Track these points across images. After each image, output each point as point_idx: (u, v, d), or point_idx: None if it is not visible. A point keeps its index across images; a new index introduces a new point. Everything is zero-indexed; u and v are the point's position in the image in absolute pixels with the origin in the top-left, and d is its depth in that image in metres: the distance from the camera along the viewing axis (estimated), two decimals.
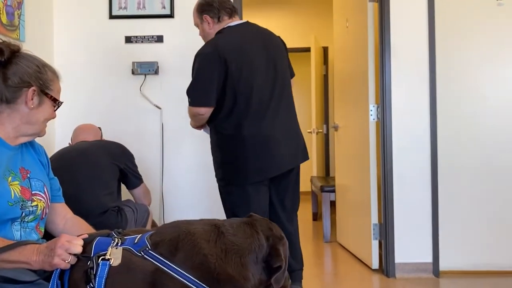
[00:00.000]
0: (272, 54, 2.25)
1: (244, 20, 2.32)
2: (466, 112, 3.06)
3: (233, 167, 2.19)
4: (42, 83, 1.39)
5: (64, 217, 1.58)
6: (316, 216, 4.99)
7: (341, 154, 3.83)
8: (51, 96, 1.42)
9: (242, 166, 2.15)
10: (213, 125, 2.25)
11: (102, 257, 1.17)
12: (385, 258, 3.04)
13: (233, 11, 2.27)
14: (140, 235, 1.24)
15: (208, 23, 2.26)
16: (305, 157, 2.34)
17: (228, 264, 1.16)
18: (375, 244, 3.12)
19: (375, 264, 3.12)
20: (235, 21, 2.27)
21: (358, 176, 3.37)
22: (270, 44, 2.28)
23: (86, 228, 1.58)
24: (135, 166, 2.44)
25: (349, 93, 3.59)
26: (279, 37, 2.38)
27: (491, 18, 3.04)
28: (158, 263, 1.15)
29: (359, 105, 3.29)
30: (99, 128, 2.63)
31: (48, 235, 1.55)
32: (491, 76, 3.06)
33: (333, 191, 4.04)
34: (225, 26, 2.23)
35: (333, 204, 4.10)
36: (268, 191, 2.26)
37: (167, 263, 1.15)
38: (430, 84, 3.02)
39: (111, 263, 1.16)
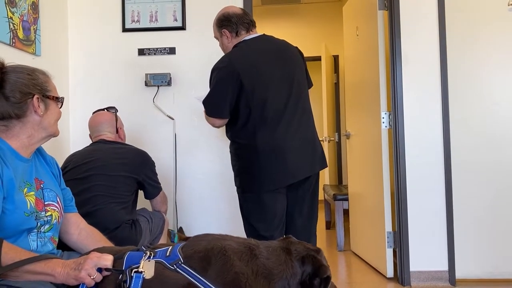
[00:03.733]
0: (287, 65, 2.28)
1: (260, 33, 2.35)
2: (479, 118, 3.03)
3: (248, 175, 2.23)
4: (40, 88, 1.41)
5: (78, 226, 1.61)
6: (330, 225, 4.97)
7: (353, 162, 3.82)
8: (53, 97, 1.45)
9: (257, 175, 2.20)
10: (230, 135, 2.31)
11: (135, 270, 1.17)
12: (400, 266, 3.02)
13: (251, 25, 2.33)
14: (171, 247, 1.24)
15: (227, 37, 2.33)
16: (323, 165, 2.36)
17: (257, 287, 1.16)
18: (389, 252, 3.10)
19: (390, 273, 3.09)
20: (252, 35, 2.32)
21: (371, 184, 3.36)
22: (285, 56, 2.30)
23: (100, 238, 1.61)
24: (155, 175, 2.40)
25: (360, 100, 3.59)
26: (296, 47, 2.41)
27: (503, 23, 3.02)
28: (191, 277, 1.15)
29: (371, 113, 3.29)
30: (110, 108, 2.53)
31: (62, 245, 1.58)
32: (504, 81, 3.03)
33: (346, 199, 4.02)
34: (241, 40, 2.29)
35: (346, 212, 4.08)
36: (285, 199, 2.28)
37: (200, 278, 1.15)
38: (442, 90, 3.00)
39: (144, 276, 1.16)
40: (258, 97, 2.17)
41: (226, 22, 2.32)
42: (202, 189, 3.19)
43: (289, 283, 1.20)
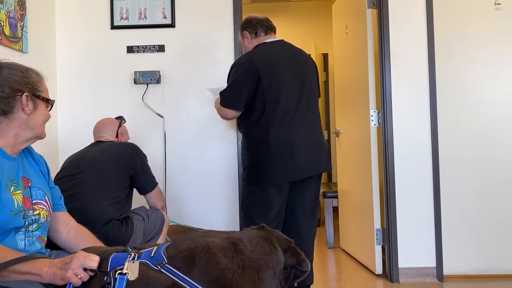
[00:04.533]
0: (300, 70, 2.44)
1: (279, 38, 2.54)
2: (466, 116, 3.07)
3: (258, 168, 2.35)
4: (31, 87, 1.40)
5: (67, 225, 1.59)
6: (319, 222, 4.98)
7: (343, 159, 3.84)
8: (43, 97, 1.43)
9: (266, 168, 2.32)
10: (243, 130, 2.46)
11: (119, 272, 1.17)
12: (388, 263, 3.04)
13: (269, 29, 2.53)
14: (156, 248, 1.24)
15: (247, 38, 2.54)
16: (328, 167, 2.51)
17: (245, 280, 1.17)
18: (378, 249, 3.12)
19: (378, 269, 3.11)
20: (271, 38, 2.52)
21: (360, 182, 3.38)
22: (300, 61, 2.48)
23: (89, 237, 1.60)
24: (148, 168, 2.36)
25: (349, 99, 3.61)
26: (311, 58, 2.60)
27: (490, 22, 3.06)
28: (175, 277, 1.15)
29: (360, 111, 3.31)
30: (118, 117, 2.60)
31: (51, 244, 1.56)
32: (490, 79, 3.07)
33: (336, 196, 4.05)
34: (262, 42, 2.48)
35: (335, 209, 4.10)
36: (286, 196, 2.38)
37: (184, 278, 1.15)
38: (430, 89, 3.03)
39: (128, 277, 1.16)
40: (274, 94, 2.32)
41: (247, 24, 2.54)
42: (192, 187, 3.18)
43: (275, 271, 1.23)
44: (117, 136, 2.51)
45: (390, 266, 3.02)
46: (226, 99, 2.39)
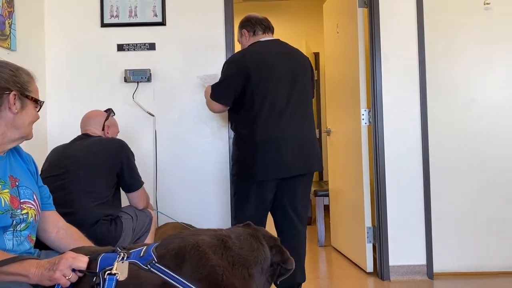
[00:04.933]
0: (293, 68, 2.45)
1: (275, 38, 2.58)
2: (456, 115, 3.10)
3: (245, 164, 2.38)
4: (20, 86, 1.38)
5: (56, 225, 1.58)
6: (310, 221, 5.00)
7: (334, 158, 3.85)
8: (32, 97, 1.42)
9: (252, 164, 2.34)
10: (234, 126, 2.50)
11: (108, 272, 1.16)
12: (379, 261, 3.06)
13: (267, 28, 2.57)
14: (145, 247, 1.24)
15: (245, 36, 2.59)
16: (320, 166, 2.51)
17: (235, 276, 1.17)
18: (369, 247, 3.14)
19: (369, 268, 3.13)
20: (268, 37, 2.56)
21: (351, 180, 3.39)
22: (295, 60, 2.49)
23: (79, 237, 1.58)
24: (134, 165, 2.30)
25: (340, 98, 3.62)
26: (307, 58, 2.61)
27: (479, 22, 3.09)
28: (165, 276, 1.15)
29: (351, 110, 3.32)
30: (107, 110, 2.52)
31: (40, 244, 1.55)
32: (480, 78, 3.10)
33: (327, 195, 4.06)
34: (257, 40, 2.52)
35: (327, 208, 4.11)
36: (273, 193, 2.41)
37: (174, 276, 1.14)
38: (420, 88, 3.05)
39: (117, 278, 1.15)
40: (262, 90, 2.34)
41: (246, 23, 2.58)
42: (183, 186, 3.17)
43: (263, 267, 1.25)
44: (103, 129, 2.43)
45: (381, 264, 3.03)
46: (216, 92, 2.46)
